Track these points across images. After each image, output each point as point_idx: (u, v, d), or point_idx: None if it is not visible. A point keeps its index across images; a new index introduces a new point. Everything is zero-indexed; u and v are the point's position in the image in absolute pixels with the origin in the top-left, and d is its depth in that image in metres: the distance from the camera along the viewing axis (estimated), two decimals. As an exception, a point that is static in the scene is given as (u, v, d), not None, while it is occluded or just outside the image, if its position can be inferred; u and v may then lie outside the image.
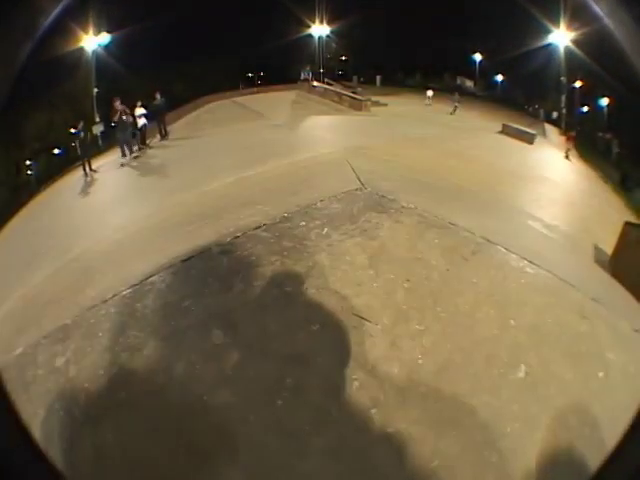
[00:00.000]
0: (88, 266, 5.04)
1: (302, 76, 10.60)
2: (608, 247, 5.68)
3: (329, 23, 9.89)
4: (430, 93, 10.25)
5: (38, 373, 3.16)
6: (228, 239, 3.88)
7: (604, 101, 10.41)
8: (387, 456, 2.65)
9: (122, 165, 8.24)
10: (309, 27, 9.89)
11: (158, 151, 8.74)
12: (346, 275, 3.39)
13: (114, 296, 3.64)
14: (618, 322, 3.58)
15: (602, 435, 2.65)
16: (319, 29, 9.98)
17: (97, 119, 9.33)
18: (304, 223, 3.99)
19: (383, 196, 4.48)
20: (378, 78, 11.05)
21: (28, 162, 10.23)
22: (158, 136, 9.11)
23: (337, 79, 10.77)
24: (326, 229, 3.87)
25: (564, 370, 3.06)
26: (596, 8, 0.97)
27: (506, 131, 9.07)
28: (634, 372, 3.12)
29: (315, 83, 10.43)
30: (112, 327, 3.36)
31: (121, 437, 2.75)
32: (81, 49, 9.14)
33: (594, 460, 2.40)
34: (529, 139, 9.03)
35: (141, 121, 8.96)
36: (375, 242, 3.75)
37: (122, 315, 3.46)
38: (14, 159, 10.08)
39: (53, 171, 9.80)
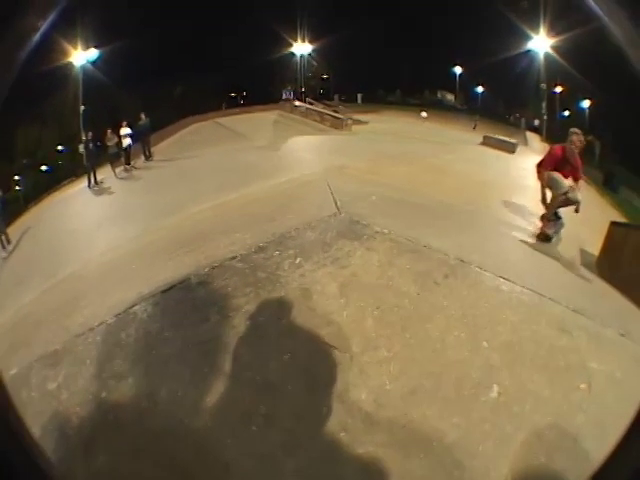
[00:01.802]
0: (75, 289, 5.16)
1: (284, 96, 10.68)
2: (594, 249, 5.72)
3: (311, 41, 9.99)
4: (424, 114, 10.38)
5: (32, 395, 3.27)
6: (206, 269, 4.00)
7: (585, 103, 10.51)
8: (356, 476, 2.78)
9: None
10: (291, 45, 9.99)
11: (143, 172, 8.82)
12: (317, 304, 3.50)
13: (100, 324, 3.78)
14: (603, 330, 3.63)
15: (587, 446, 2.72)
16: (301, 47, 10.07)
17: (83, 137, 9.30)
18: (278, 253, 4.10)
19: (357, 221, 4.58)
20: (359, 96, 11.16)
21: (17, 177, 10.25)
22: (142, 157, 9.17)
23: (319, 98, 10.88)
24: (299, 259, 3.98)
25: (541, 387, 3.13)
26: (594, 7, 1.04)
27: (487, 142, 9.17)
28: (621, 378, 3.17)
29: (297, 103, 10.51)
30: (99, 355, 3.52)
31: (111, 457, 2.90)
32: (69, 65, 9.15)
33: (575, 472, 2.51)
34: (510, 148, 9.11)
35: (126, 141, 9.02)
36: (346, 271, 3.85)
37: (107, 344, 3.60)
38: (4, 174, 10.10)
39: (41, 189, 9.83)
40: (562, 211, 6.28)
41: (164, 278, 4.08)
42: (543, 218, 6.44)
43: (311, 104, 10.53)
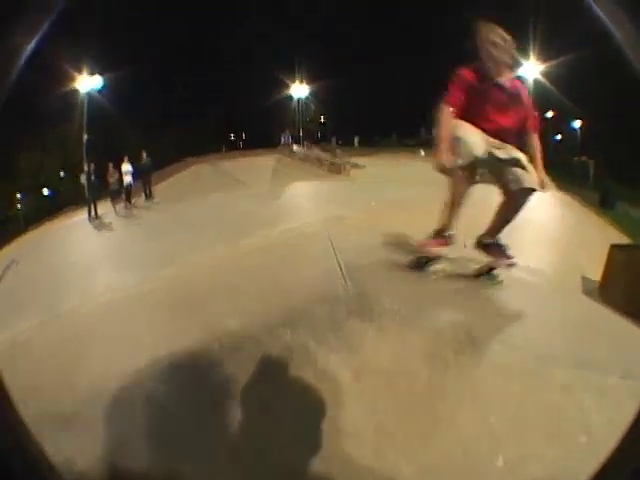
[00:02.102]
0: (77, 329, 5.27)
1: (282, 140, 10.82)
2: (597, 275, 5.77)
3: (308, 84, 10.08)
4: (423, 153, 10.51)
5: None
6: (216, 346, 4.00)
7: (576, 123, 10.61)
8: None
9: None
10: (289, 87, 10.08)
11: (143, 212, 8.85)
12: (330, 392, 3.52)
13: (107, 393, 3.77)
14: (604, 380, 3.63)
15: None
16: (299, 90, 10.16)
17: (85, 168, 9.33)
18: (289, 333, 4.11)
19: (366, 296, 4.69)
20: (356, 139, 11.28)
21: (18, 195, 10.26)
22: (143, 196, 9.23)
23: (316, 142, 10.98)
24: (311, 342, 4.00)
25: (544, 450, 3.15)
26: (595, 9, 1.07)
27: (485, 179, 9.22)
28: (620, 419, 3.14)
29: (295, 147, 10.63)
30: (109, 428, 3.49)
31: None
32: (75, 92, 9.20)
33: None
34: (509, 182, 9.13)
35: (127, 178, 9.06)
36: (359, 356, 3.90)
37: (117, 417, 3.59)
38: (5, 192, 10.10)
39: (42, 212, 9.84)
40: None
41: (169, 348, 4.14)
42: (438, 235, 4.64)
43: (309, 148, 10.63)
